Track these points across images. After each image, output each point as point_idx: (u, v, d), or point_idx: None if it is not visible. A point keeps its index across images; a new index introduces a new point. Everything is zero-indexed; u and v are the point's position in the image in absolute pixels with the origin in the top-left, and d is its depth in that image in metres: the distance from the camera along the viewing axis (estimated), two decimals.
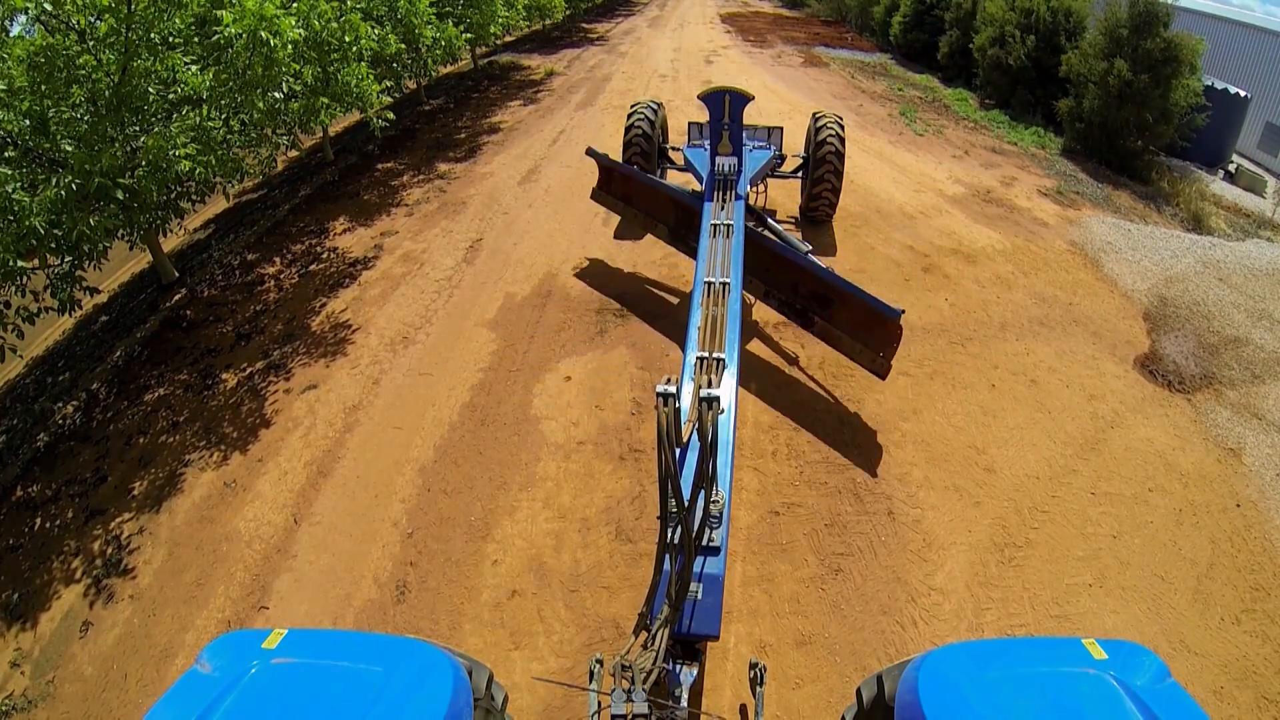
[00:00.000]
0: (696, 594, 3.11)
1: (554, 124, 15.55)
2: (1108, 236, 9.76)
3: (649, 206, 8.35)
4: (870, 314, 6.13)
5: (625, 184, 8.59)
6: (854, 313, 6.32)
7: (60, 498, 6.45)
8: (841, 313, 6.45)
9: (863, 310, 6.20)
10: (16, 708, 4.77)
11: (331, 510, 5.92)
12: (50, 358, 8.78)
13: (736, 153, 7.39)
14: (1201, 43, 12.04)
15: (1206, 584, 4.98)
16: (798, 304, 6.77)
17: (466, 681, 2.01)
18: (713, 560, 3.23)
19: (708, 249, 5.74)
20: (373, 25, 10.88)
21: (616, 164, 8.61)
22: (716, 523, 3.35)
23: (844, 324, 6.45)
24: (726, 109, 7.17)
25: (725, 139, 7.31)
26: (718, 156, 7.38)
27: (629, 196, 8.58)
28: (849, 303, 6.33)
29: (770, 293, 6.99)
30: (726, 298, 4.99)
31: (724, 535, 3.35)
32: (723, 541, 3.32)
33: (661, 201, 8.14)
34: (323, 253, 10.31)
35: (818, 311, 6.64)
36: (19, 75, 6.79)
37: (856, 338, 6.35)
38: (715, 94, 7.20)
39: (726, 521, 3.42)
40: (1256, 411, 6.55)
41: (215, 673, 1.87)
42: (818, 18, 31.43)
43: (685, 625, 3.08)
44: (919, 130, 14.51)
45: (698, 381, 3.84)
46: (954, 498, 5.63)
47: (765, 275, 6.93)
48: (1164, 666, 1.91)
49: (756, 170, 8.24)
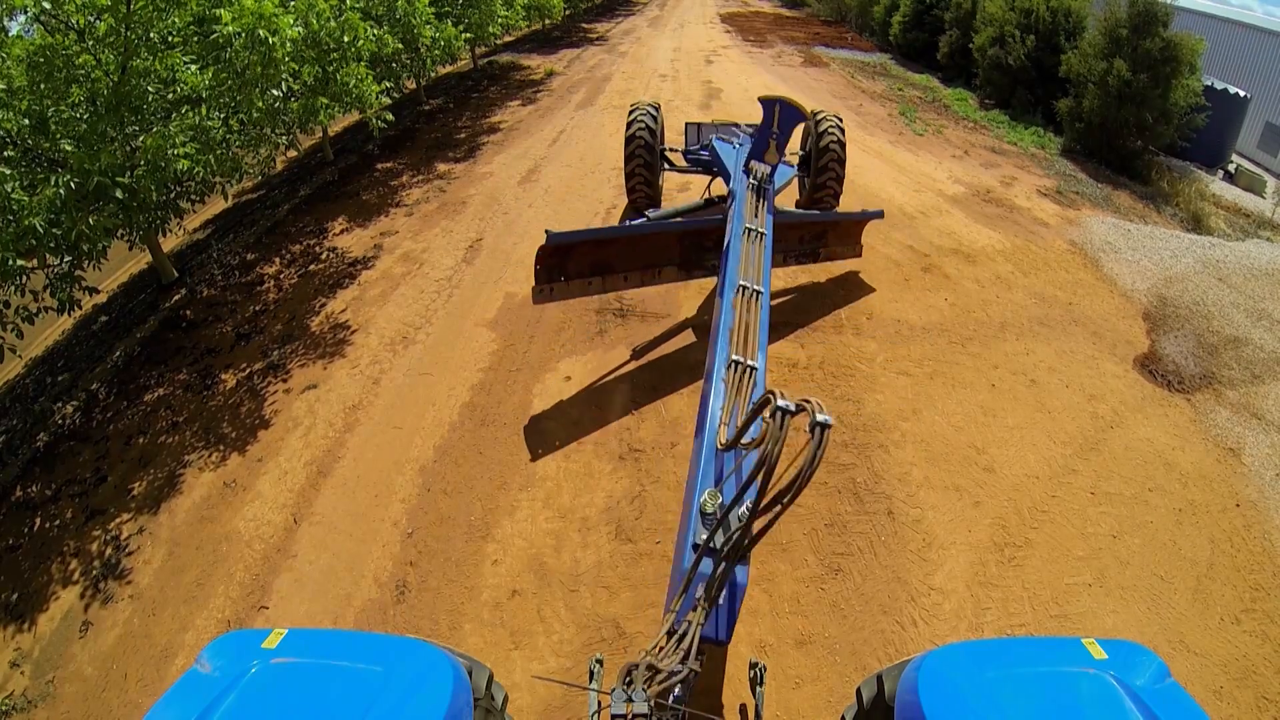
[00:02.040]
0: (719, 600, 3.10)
1: (554, 124, 15.54)
2: (1107, 236, 9.76)
3: (641, 258, 7.10)
4: (856, 226, 8.22)
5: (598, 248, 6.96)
6: (847, 231, 8.22)
7: (60, 498, 6.45)
8: (837, 235, 8.14)
9: (854, 228, 8.22)
10: (16, 708, 4.77)
11: (331, 510, 5.92)
12: (50, 358, 8.78)
13: (775, 164, 7.25)
14: (1201, 43, 12.04)
15: (1206, 584, 4.98)
16: (805, 248, 8.03)
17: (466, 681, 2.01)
18: (742, 569, 3.22)
19: (741, 252, 5.49)
20: (371, 25, 10.88)
21: (581, 232, 6.98)
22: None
23: (840, 242, 8.18)
24: (776, 118, 7.04)
25: (773, 148, 7.15)
26: (758, 162, 7.15)
27: (606, 263, 6.97)
28: (839, 227, 8.13)
29: (788, 255, 7.97)
30: (758, 303, 4.83)
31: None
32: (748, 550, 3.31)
33: (655, 243, 7.07)
34: (322, 253, 10.31)
35: (819, 245, 8.07)
36: (18, 75, 6.79)
37: (848, 245, 8.28)
38: (774, 101, 7.09)
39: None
40: (1256, 411, 6.55)
41: (215, 672, 1.87)
42: (817, 17, 31.41)
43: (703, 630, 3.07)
44: (919, 130, 14.51)
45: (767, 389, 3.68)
46: (954, 497, 5.63)
47: (783, 244, 7.58)
48: (1164, 666, 1.92)
49: (783, 184, 8.10)
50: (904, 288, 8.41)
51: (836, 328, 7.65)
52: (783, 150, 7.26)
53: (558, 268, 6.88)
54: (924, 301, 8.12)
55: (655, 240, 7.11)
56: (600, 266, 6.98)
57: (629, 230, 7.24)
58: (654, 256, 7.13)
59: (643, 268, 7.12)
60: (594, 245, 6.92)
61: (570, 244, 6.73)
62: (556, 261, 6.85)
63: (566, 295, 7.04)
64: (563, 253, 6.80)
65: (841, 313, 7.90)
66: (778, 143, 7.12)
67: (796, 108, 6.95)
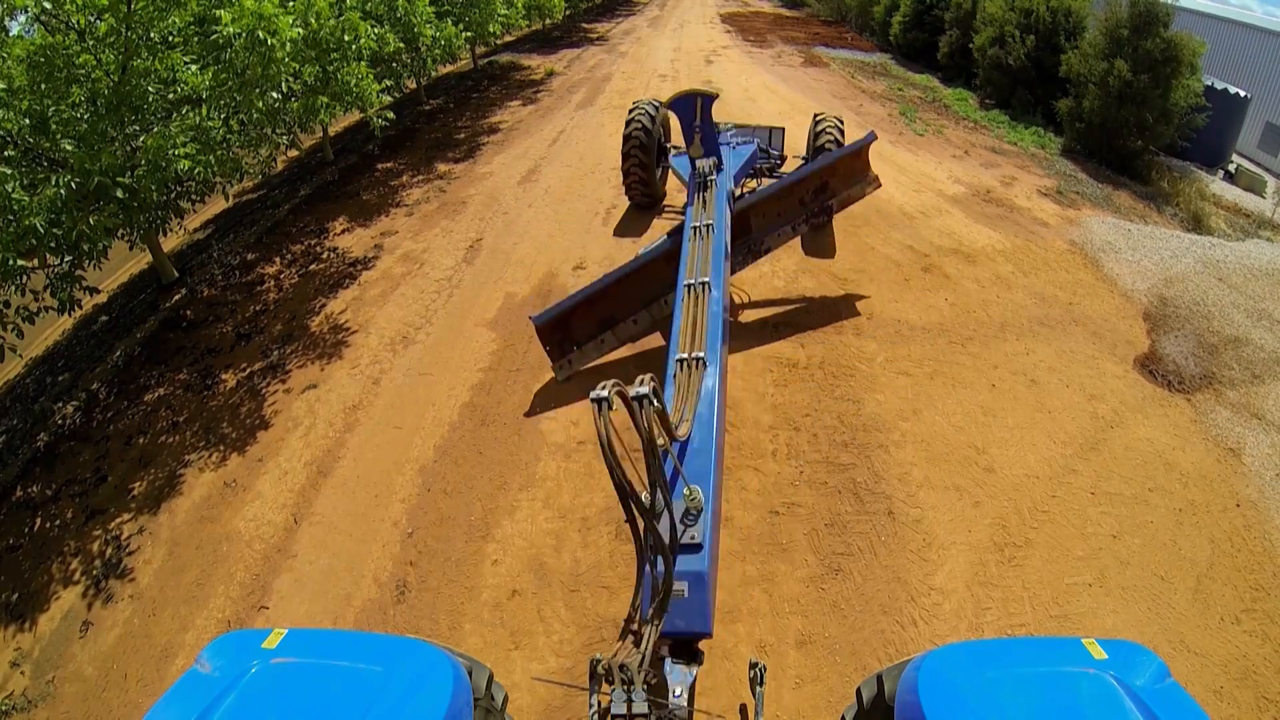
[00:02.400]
0: (682, 592, 3.09)
1: (554, 124, 15.54)
2: (1108, 236, 9.76)
3: (640, 296, 6.88)
4: (853, 159, 7.33)
5: (592, 307, 6.84)
6: (845, 170, 7.43)
7: (60, 498, 6.46)
8: (837, 179, 7.45)
9: (847, 163, 7.38)
10: (16, 708, 4.77)
11: (331, 510, 5.92)
12: (50, 357, 8.79)
13: (713, 152, 7.31)
14: (1202, 43, 12.04)
15: (1206, 584, 4.98)
16: (815, 208, 7.50)
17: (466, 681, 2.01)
18: (695, 558, 3.20)
19: (689, 252, 5.68)
20: (372, 24, 10.88)
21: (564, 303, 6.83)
22: (693, 520, 3.29)
23: (845, 184, 7.47)
24: (697, 110, 7.11)
25: (697, 141, 7.24)
26: (696, 159, 7.26)
27: (608, 316, 6.87)
28: (836, 169, 7.40)
29: (795, 225, 7.53)
30: (706, 297, 4.94)
31: (706, 532, 3.27)
32: (705, 537, 3.25)
33: (647, 276, 6.79)
34: (322, 252, 10.31)
35: (826, 198, 7.51)
36: (19, 75, 6.79)
37: (855, 183, 7.50)
38: (684, 98, 7.16)
39: (709, 516, 3.34)
40: (1256, 411, 6.55)
41: (215, 672, 1.87)
42: (817, 17, 31.41)
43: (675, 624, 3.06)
44: (919, 130, 14.50)
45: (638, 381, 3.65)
46: (954, 497, 5.63)
47: (781, 218, 7.43)
48: (1164, 666, 1.91)
49: (740, 166, 8.14)
50: (904, 288, 8.41)
51: (836, 328, 7.65)
52: (708, 142, 7.33)
53: (564, 340, 6.86)
54: (924, 301, 8.12)
55: (646, 273, 6.78)
56: (604, 322, 6.91)
57: (612, 278, 6.87)
58: (652, 290, 6.83)
59: (646, 304, 6.88)
60: (585, 306, 6.78)
61: (559, 316, 6.72)
62: (559, 335, 6.83)
63: (587, 361, 6.97)
64: (560, 325, 6.78)
65: (841, 313, 7.90)
66: (703, 135, 7.27)
67: (707, 94, 7.25)
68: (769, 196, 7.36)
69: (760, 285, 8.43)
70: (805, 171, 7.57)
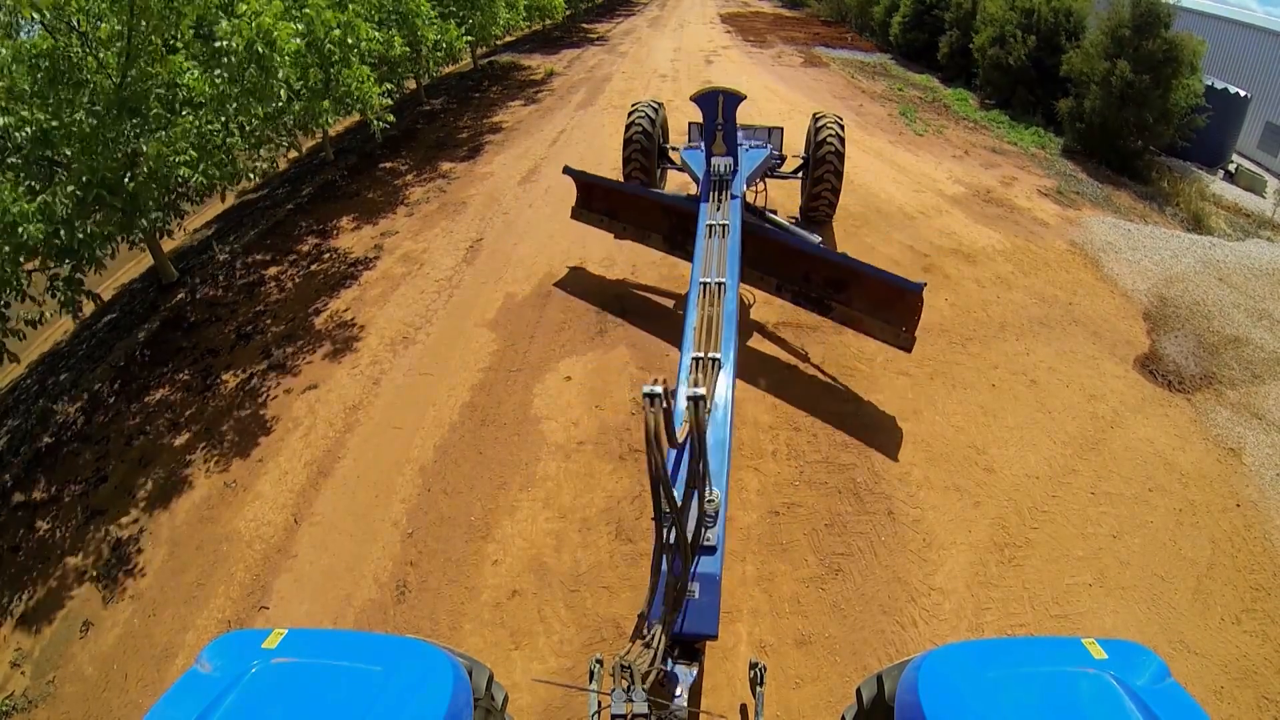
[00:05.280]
0: (693, 593, 3.10)
1: (554, 124, 15.55)
2: (1108, 236, 9.76)
3: (638, 218, 8.21)
4: (889, 290, 6.24)
5: (607, 198, 8.47)
6: (872, 292, 6.38)
7: (61, 498, 6.46)
8: (858, 294, 6.49)
9: (882, 288, 6.29)
10: (16, 708, 4.78)
11: (332, 510, 5.93)
12: (52, 358, 8.79)
13: (732, 152, 7.28)
14: (1203, 43, 12.04)
15: (1206, 584, 4.98)
16: (812, 293, 6.82)
17: (466, 681, 2.01)
18: (709, 560, 3.22)
19: (703, 250, 5.73)
20: (374, 27, 10.88)
21: (595, 178, 8.55)
22: (712, 522, 3.32)
23: (863, 305, 6.49)
24: (720, 109, 7.06)
25: (719, 139, 7.19)
26: (713, 157, 7.27)
27: (614, 210, 8.42)
28: (866, 283, 6.40)
29: (782, 286, 7.03)
30: (722, 297, 4.96)
31: (720, 534, 3.32)
32: (719, 540, 3.29)
33: (651, 210, 8.04)
34: (323, 252, 10.32)
35: (834, 297, 6.67)
36: (21, 78, 6.79)
37: (877, 316, 6.40)
38: (709, 94, 7.10)
39: (723, 520, 3.38)
40: (1256, 411, 6.55)
41: (215, 672, 1.87)
42: (817, 18, 31.42)
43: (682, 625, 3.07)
44: (919, 130, 14.50)
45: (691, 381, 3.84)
46: (954, 497, 5.63)
47: (775, 269, 7.02)
48: (1164, 666, 1.91)
49: (753, 169, 8.08)
50: None
51: (836, 328, 7.64)
52: (729, 141, 7.16)
53: (587, 199, 8.70)
54: (924, 302, 8.11)
55: (648, 207, 8.09)
56: (611, 211, 8.46)
57: (628, 188, 8.71)
58: (646, 221, 8.14)
59: (637, 226, 8.25)
60: (605, 193, 8.53)
61: (587, 183, 8.55)
62: (586, 195, 8.69)
63: (590, 222, 8.69)
64: (588, 189, 8.62)
65: None
66: (724, 133, 7.12)
67: (734, 93, 7.06)
68: (782, 243, 7.06)
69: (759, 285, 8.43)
70: (836, 257, 6.90)
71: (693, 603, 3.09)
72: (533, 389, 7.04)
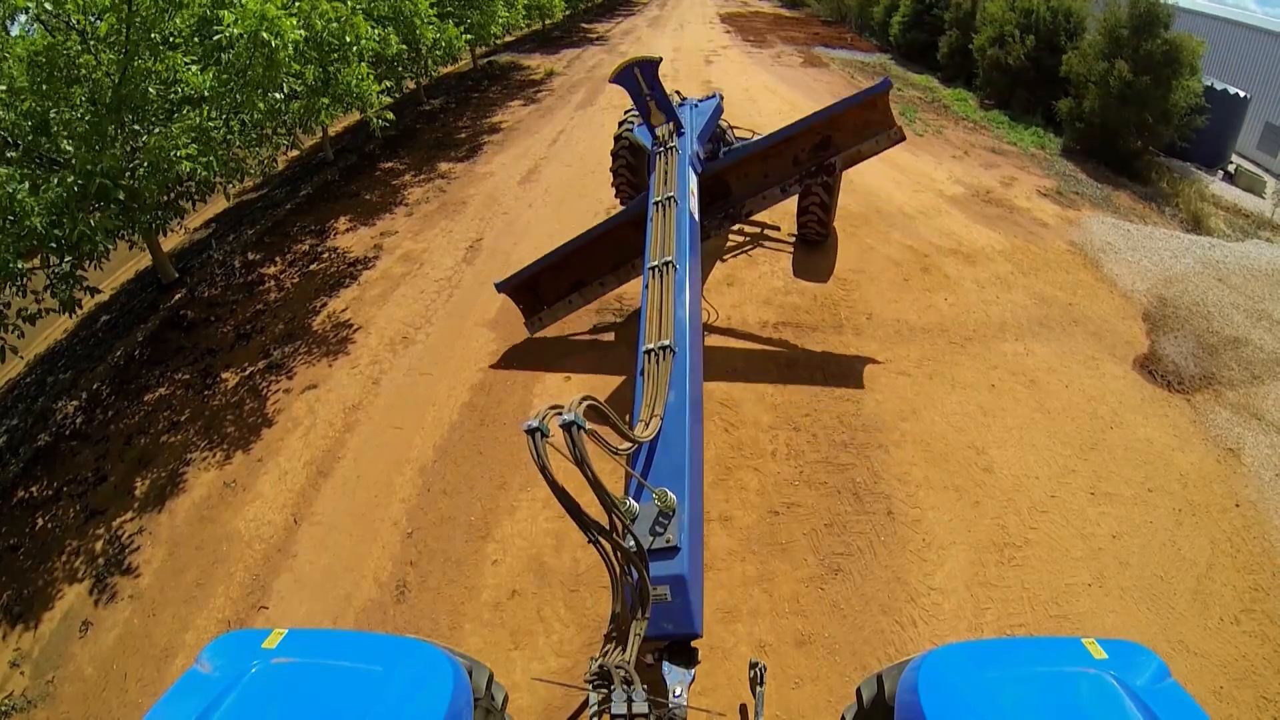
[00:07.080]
0: (664, 596, 3.00)
1: (554, 124, 15.54)
2: (1107, 237, 9.76)
3: (608, 260, 7.12)
4: (862, 109, 6.48)
5: (559, 271, 7.20)
6: (851, 121, 6.61)
7: (61, 497, 6.46)
8: (842, 133, 6.66)
9: (855, 112, 6.55)
10: (16, 708, 4.77)
11: (331, 510, 5.92)
12: (51, 357, 8.79)
13: (671, 116, 6.88)
14: (1202, 44, 12.04)
15: (1206, 584, 4.98)
16: (811, 166, 6.87)
17: (466, 681, 2.01)
18: (673, 562, 3.08)
19: (651, 231, 5.32)
20: (373, 25, 10.88)
21: (526, 271, 7.29)
22: (662, 527, 3.17)
23: (852, 137, 6.68)
24: (641, 80, 6.71)
25: (653, 109, 6.86)
26: (655, 128, 6.91)
27: (576, 279, 7.22)
28: (841, 120, 6.61)
29: (785, 188, 7.03)
30: (671, 277, 4.62)
31: (683, 533, 3.17)
32: (682, 541, 3.14)
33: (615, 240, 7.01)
34: (323, 252, 10.31)
35: (828, 153, 6.79)
36: (20, 75, 6.79)
37: (866, 136, 6.66)
38: (624, 71, 6.74)
39: (686, 520, 3.22)
40: (1256, 412, 6.55)
41: (215, 672, 1.87)
42: (817, 18, 31.41)
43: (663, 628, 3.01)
44: (919, 130, 14.50)
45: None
46: (953, 498, 5.63)
47: (768, 177, 6.95)
48: (1164, 666, 1.92)
49: (704, 124, 7.47)
50: (903, 288, 8.40)
51: (836, 328, 7.65)
52: (664, 107, 6.89)
53: (533, 301, 7.31)
54: (923, 302, 8.11)
55: (613, 237, 6.93)
56: (573, 284, 7.23)
57: (576, 243, 7.09)
58: (620, 254, 7.05)
59: (613, 268, 7.15)
60: (553, 271, 7.09)
61: (525, 280, 7.04)
62: (528, 297, 7.28)
63: (556, 318, 7.40)
64: (528, 288, 7.19)
65: (841, 313, 7.89)
66: (656, 101, 6.89)
67: (648, 60, 6.83)
68: (752, 154, 6.88)
69: (760, 285, 8.43)
70: (801, 125, 6.81)
71: (667, 606, 3.00)
72: (533, 389, 7.04)
